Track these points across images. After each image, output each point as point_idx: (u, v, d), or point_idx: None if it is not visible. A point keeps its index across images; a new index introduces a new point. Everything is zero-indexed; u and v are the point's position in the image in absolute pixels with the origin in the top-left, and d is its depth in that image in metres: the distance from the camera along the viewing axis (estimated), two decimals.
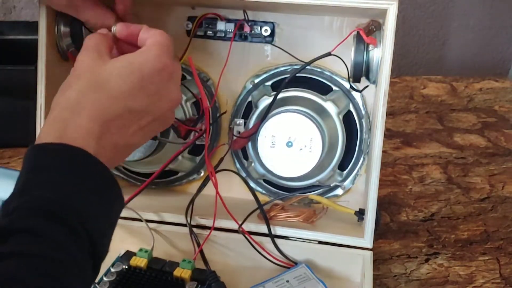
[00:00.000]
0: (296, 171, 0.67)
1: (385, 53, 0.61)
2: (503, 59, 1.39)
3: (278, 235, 0.67)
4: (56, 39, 0.68)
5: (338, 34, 0.68)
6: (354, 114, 0.71)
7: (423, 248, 0.73)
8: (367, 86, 0.68)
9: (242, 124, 0.71)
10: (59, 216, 0.41)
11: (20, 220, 0.41)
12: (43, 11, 0.66)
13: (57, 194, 0.42)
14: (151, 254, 0.64)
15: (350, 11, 0.64)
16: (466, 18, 1.34)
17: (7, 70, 0.86)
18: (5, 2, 1.21)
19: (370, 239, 0.65)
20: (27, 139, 0.78)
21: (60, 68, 0.70)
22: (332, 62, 0.69)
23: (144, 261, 0.63)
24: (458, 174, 0.89)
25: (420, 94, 1.14)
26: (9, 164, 0.87)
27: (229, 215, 0.66)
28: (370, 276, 0.63)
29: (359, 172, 0.72)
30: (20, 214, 0.41)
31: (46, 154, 0.44)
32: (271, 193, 0.75)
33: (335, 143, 0.70)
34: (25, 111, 0.74)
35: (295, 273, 0.64)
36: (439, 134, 1.00)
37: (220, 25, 0.70)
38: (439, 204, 0.82)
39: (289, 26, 0.70)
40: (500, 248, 0.74)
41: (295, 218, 0.69)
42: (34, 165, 0.44)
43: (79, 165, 0.44)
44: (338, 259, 0.66)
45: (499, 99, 1.13)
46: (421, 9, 1.33)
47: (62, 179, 0.43)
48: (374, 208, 0.64)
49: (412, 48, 1.36)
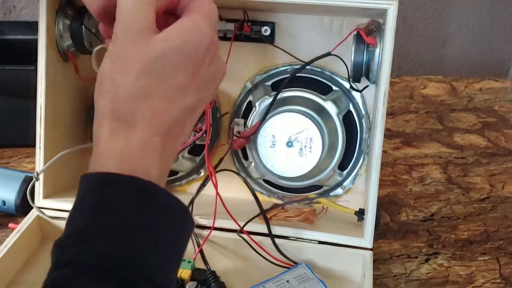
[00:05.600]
0: (296, 171, 0.67)
1: (385, 53, 0.61)
2: (503, 59, 1.39)
3: (278, 235, 0.67)
4: (56, 39, 0.68)
5: (338, 34, 0.68)
6: (354, 114, 0.71)
7: (423, 248, 0.73)
8: (367, 86, 0.68)
9: (242, 124, 0.71)
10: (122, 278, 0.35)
11: (76, 279, 0.35)
12: (43, 11, 0.66)
13: (123, 248, 0.36)
14: None
15: (350, 11, 0.64)
16: (466, 18, 1.34)
17: (7, 70, 0.86)
18: (5, 2, 1.21)
19: (370, 239, 0.65)
20: (27, 139, 0.78)
21: (60, 68, 0.70)
22: (332, 62, 0.69)
23: None
24: (458, 174, 0.89)
25: (420, 94, 1.14)
26: (9, 164, 0.87)
27: (229, 215, 0.66)
28: (370, 276, 0.63)
29: (359, 172, 0.72)
30: (77, 271, 0.35)
31: (110, 190, 0.37)
32: (271, 193, 0.75)
33: (335, 143, 0.70)
34: (25, 111, 0.74)
35: (295, 273, 0.63)
36: (439, 134, 1.00)
37: (220, 25, 0.69)
38: (439, 204, 0.82)
39: (289, 26, 0.70)
40: (500, 248, 0.74)
41: (295, 218, 0.69)
42: (96, 202, 0.37)
43: (149, 205, 0.37)
44: (338, 259, 0.66)
45: (499, 99, 1.13)
46: (421, 9, 1.32)
47: (129, 226, 0.36)
48: (374, 208, 0.64)
49: (412, 48, 1.36)
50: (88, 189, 0.38)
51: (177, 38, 0.40)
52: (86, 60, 0.72)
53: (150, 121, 0.39)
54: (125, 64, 0.39)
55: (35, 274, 0.65)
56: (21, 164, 0.87)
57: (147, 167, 0.38)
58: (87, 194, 0.38)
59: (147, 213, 0.37)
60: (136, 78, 0.39)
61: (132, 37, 0.39)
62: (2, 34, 0.97)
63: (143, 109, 0.39)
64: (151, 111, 0.39)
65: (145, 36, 0.39)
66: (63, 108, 0.72)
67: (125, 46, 0.39)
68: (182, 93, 0.40)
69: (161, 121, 0.39)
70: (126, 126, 0.39)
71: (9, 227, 0.71)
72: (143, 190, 0.38)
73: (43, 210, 0.69)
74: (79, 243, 0.36)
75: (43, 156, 0.68)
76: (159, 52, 0.39)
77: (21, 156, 0.89)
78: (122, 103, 0.39)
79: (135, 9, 0.40)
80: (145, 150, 0.38)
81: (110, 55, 0.40)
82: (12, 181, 0.75)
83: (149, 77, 0.39)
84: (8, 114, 0.89)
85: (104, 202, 0.37)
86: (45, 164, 0.67)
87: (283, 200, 0.74)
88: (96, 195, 0.37)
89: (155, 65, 0.39)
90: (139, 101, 0.39)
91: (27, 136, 0.75)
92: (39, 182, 0.69)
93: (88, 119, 0.76)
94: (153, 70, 0.39)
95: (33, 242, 0.69)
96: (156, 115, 0.39)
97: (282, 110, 0.68)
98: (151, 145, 0.39)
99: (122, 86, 0.39)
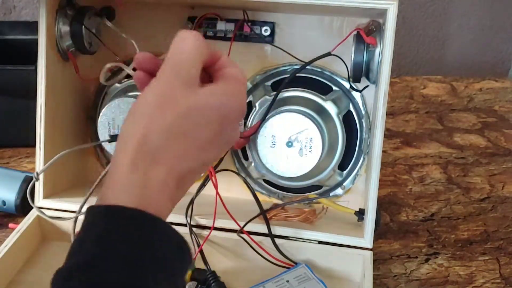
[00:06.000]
0: (296, 171, 0.67)
1: (385, 53, 0.61)
2: (503, 59, 1.39)
3: (278, 235, 0.67)
4: (56, 39, 0.68)
5: (338, 34, 0.68)
6: (354, 114, 0.71)
7: (423, 248, 0.73)
8: (367, 86, 0.68)
9: (242, 124, 0.71)
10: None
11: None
12: (43, 11, 0.66)
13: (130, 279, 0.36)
14: None
15: (350, 11, 0.64)
16: (466, 18, 1.34)
17: (7, 70, 0.86)
18: (5, 2, 1.21)
19: (370, 239, 0.65)
20: (27, 139, 0.78)
21: (60, 68, 0.70)
22: (332, 62, 0.69)
23: None
24: (458, 174, 0.89)
25: (420, 94, 1.14)
26: (9, 164, 0.87)
27: (229, 215, 0.66)
28: (370, 276, 0.63)
29: (359, 172, 0.72)
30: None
31: (118, 222, 0.37)
32: (271, 193, 0.75)
33: (335, 143, 0.70)
34: (25, 111, 0.74)
35: (295, 273, 0.63)
36: (439, 134, 1.00)
37: (220, 25, 0.70)
38: (439, 204, 0.82)
39: (289, 26, 0.70)
40: (500, 248, 0.74)
41: (295, 218, 0.69)
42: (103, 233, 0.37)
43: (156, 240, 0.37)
44: (338, 259, 0.66)
45: (499, 99, 1.13)
46: (421, 9, 1.33)
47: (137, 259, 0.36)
48: (374, 208, 0.64)
49: (412, 48, 1.36)
50: (93, 222, 0.38)
51: (222, 97, 0.42)
52: (86, 60, 0.72)
53: (173, 162, 0.39)
54: (168, 103, 0.40)
55: (35, 274, 0.65)
56: (21, 164, 0.87)
57: (160, 206, 0.39)
58: (94, 225, 0.38)
59: (155, 247, 0.37)
60: (174, 119, 0.39)
61: (182, 80, 0.40)
62: (2, 34, 0.97)
63: (170, 150, 0.39)
64: (176, 154, 0.39)
65: (193, 83, 0.41)
66: (63, 108, 0.72)
67: (173, 87, 0.40)
68: (206, 147, 0.41)
69: (181, 166, 0.40)
70: (149, 160, 0.39)
71: (9, 227, 0.71)
72: (151, 223, 0.38)
73: (43, 210, 0.69)
74: (86, 273, 0.35)
75: (43, 156, 0.68)
76: (202, 103, 0.40)
77: (21, 156, 0.89)
78: (153, 136, 0.39)
79: (191, 56, 0.41)
80: (162, 189, 0.39)
81: (154, 89, 0.40)
82: (12, 181, 0.75)
83: (186, 122, 0.40)
84: (8, 114, 0.89)
85: (112, 233, 0.37)
86: (45, 164, 0.67)
87: (283, 200, 0.74)
88: (104, 226, 0.37)
89: (195, 113, 0.40)
90: (169, 141, 0.39)
91: (27, 136, 0.75)
92: (39, 182, 0.69)
93: (88, 119, 0.76)
94: (191, 117, 0.40)
95: (33, 242, 0.69)
96: (179, 159, 0.40)
97: (282, 110, 0.68)
98: (168, 185, 0.39)
99: (158, 121, 0.39)
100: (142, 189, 0.38)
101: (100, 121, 0.68)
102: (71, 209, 0.69)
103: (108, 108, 0.68)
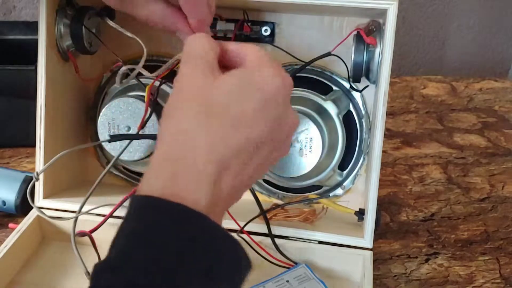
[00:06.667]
0: (296, 171, 0.67)
1: (385, 53, 0.61)
2: (503, 59, 1.39)
3: (278, 235, 0.67)
4: (56, 39, 0.68)
5: (338, 34, 0.68)
6: (354, 114, 0.71)
7: (423, 248, 0.73)
8: (367, 86, 0.68)
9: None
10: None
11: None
12: (43, 11, 0.66)
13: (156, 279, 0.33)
14: None
15: (350, 11, 0.64)
16: (466, 18, 1.34)
17: (7, 70, 0.86)
18: (5, 2, 1.21)
19: (370, 239, 0.65)
20: (27, 139, 0.78)
21: (60, 68, 0.70)
22: (332, 62, 0.69)
23: None
24: (458, 174, 0.89)
25: (420, 94, 1.14)
26: (9, 164, 0.87)
27: (229, 215, 0.66)
28: (370, 276, 0.63)
29: (359, 172, 0.72)
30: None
31: (153, 215, 0.36)
32: (271, 193, 0.75)
33: (335, 143, 0.70)
34: (25, 111, 0.74)
35: (295, 273, 0.63)
36: (439, 134, 1.00)
37: (220, 25, 0.69)
38: (439, 204, 0.82)
39: (289, 26, 0.70)
40: (500, 248, 0.74)
41: (295, 218, 0.69)
42: (136, 228, 0.36)
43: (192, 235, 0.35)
44: (338, 259, 0.66)
45: (499, 99, 1.13)
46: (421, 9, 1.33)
47: (167, 258, 0.34)
48: (374, 208, 0.64)
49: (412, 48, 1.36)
50: (131, 212, 0.37)
51: (246, 74, 0.41)
52: (86, 60, 0.72)
53: (208, 146, 0.38)
54: (191, 93, 0.40)
55: (35, 274, 0.65)
56: (21, 164, 0.87)
57: (197, 194, 0.37)
58: (129, 217, 0.37)
59: (190, 246, 0.35)
60: (199, 107, 0.39)
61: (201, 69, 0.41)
62: (2, 34, 0.97)
63: (201, 135, 0.38)
64: (209, 137, 0.38)
65: (212, 70, 0.41)
66: (63, 108, 0.72)
67: (193, 77, 0.41)
68: (247, 124, 0.39)
69: (219, 149, 0.38)
70: (186, 146, 0.38)
71: (9, 227, 0.71)
72: (187, 218, 0.36)
73: (43, 210, 0.69)
74: (116, 270, 0.34)
75: (43, 156, 0.68)
76: (223, 83, 0.40)
77: (21, 156, 0.89)
78: (184, 123, 0.39)
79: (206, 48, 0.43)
80: (197, 175, 0.37)
81: (177, 85, 0.41)
82: (12, 181, 0.75)
83: (213, 109, 0.39)
84: (8, 114, 0.89)
85: (144, 229, 0.35)
86: (45, 164, 0.67)
87: (283, 200, 0.74)
88: (137, 220, 0.36)
89: (216, 95, 0.40)
90: (199, 127, 0.38)
91: (27, 136, 0.75)
92: (39, 182, 0.69)
93: (88, 119, 0.76)
94: (218, 102, 0.39)
95: (33, 242, 0.69)
96: (214, 141, 0.38)
97: None
98: (203, 172, 0.37)
99: (185, 111, 0.39)
100: (173, 177, 0.37)
101: (100, 121, 0.68)
102: (71, 209, 0.69)
103: (108, 108, 0.68)
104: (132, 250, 0.35)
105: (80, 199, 0.64)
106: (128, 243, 0.35)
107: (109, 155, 0.75)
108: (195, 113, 0.39)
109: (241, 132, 0.39)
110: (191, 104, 0.39)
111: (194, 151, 0.37)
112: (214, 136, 0.38)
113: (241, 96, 0.40)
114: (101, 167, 0.77)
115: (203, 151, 0.37)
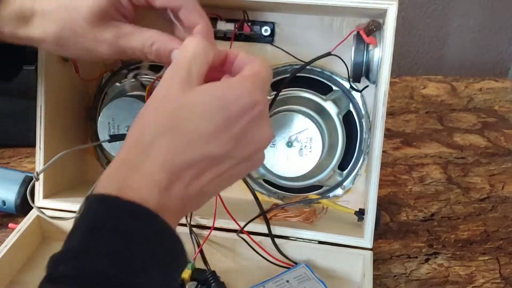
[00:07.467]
0: (296, 171, 0.67)
1: (385, 53, 0.61)
2: (503, 59, 1.39)
3: (278, 235, 0.67)
4: None
5: (338, 34, 0.68)
6: (354, 114, 0.71)
7: (423, 248, 0.73)
8: (367, 86, 0.68)
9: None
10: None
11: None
12: None
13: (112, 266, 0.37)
14: None
15: (350, 11, 0.64)
16: (466, 18, 1.34)
17: None
18: None
19: (370, 239, 0.65)
20: (27, 139, 0.78)
21: (60, 68, 0.70)
22: (332, 62, 0.69)
23: None
24: (458, 174, 0.89)
25: (420, 94, 1.14)
26: (9, 164, 0.87)
27: (229, 215, 0.66)
28: (370, 276, 0.63)
29: (359, 172, 0.72)
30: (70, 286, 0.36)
31: (104, 211, 0.39)
32: (271, 193, 0.75)
33: (335, 143, 0.70)
34: (25, 111, 0.74)
35: (295, 273, 0.64)
36: (439, 134, 1.00)
37: (220, 25, 0.69)
38: (439, 204, 0.82)
39: (289, 26, 0.70)
40: (500, 248, 0.74)
41: (295, 218, 0.69)
42: (93, 222, 0.39)
43: (140, 228, 0.39)
44: (338, 259, 0.66)
45: (499, 99, 1.13)
46: (421, 9, 1.33)
47: (119, 247, 0.38)
48: (374, 208, 0.64)
49: (412, 48, 1.36)
50: (88, 209, 0.40)
51: (217, 90, 0.43)
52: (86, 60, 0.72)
53: (163, 157, 0.41)
54: (162, 102, 0.42)
55: (35, 274, 0.65)
56: (21, 164, 0.87)
57: (146, 197, 0.39)
58: (86, 214, 0.40)
59: (140, 237, 0.38)
60: (166, 115, 0.41)
61: (180, 79, 0.43)
62: None
63: (160, 144, 0.41)
64: (167, 148, 0.41)
65: (192, 81, 0.43)
66: (63, 108, 0.72)
67: (170, 86, 0.43)
68: (204, 141, 0.41)
69: (173, 161, 0.41)
70: (143, 154, 0.41)
71: (9, 227, 0.71)
72: (136, 213, 0.39)
73: (43, 210, 0.69)
74: (74, 260, 0.37)
75: (43, 156, 0.68)
76: (196, 98, 0.42)
77: (21, 156, 0.89)
78: (146, 133, 0.41)
79: (192, 57, 0.44)
80: (149, 181, 0.40)
81: (154, 92, 0.43)
82: (12, 181, 0.75)
83: (177, 117, 0.41)
84: (8, 114, 0.89)
85: (100, 222, 0.38)
86: (45, 164, 0.67)
87: (283, 200, 0.74)
88: (93, 215, 0.39)
89: (187, 108, 0.42)
90: (160, 136, 0.41)
91: (27, 136, 0.75)
92: (39, 182, 0.69)
93: (88, 119, 0.76)
94: (183, 112, 0.41)
95: (33, 242, 0.69)
96: (169, 153, 0.41)
97: (282, 110, 0.68)
98: (155, 178, 0.40)
99: (151, 119, 0.42)
100: (128, 181, 0.40)
101: (100, 121, 0.68)
102: (71, 209, 0.69)
103: (108, 108, 0.68)
104: (87, 242, 0.38)
105: (80, 199, 0.64)
106: (82, 237, 0.38)
107: (109, 155, 0.75)
108: (159, 124, 0.41)
109: (197, 149, 0.41)
110: (158, 113, 0.42)
111: (150, 157, 0.41)
112: (170, 148, 0.41)
113: (206, 113, 0.41)
114: (101, 167, 0.77)
115: (158, 161, 0.40)
